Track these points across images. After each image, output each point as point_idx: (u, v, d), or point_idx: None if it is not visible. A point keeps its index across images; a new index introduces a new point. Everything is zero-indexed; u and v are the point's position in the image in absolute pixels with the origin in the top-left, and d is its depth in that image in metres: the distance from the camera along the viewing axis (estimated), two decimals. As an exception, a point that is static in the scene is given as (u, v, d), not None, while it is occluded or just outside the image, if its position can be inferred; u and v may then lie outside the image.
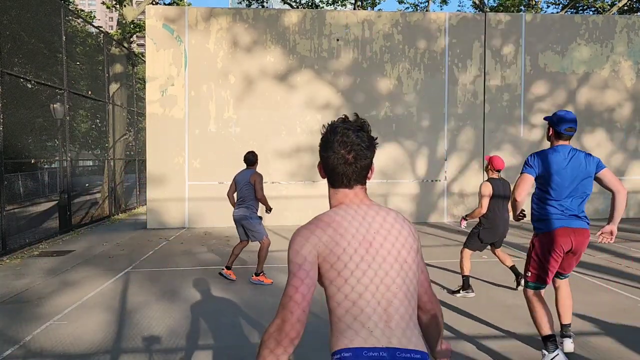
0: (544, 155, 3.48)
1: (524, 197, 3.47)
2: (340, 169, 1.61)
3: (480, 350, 3.93)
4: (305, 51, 11.31)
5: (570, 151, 3.47)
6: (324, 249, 1.54)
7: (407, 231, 1.65)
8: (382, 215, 1.63)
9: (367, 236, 1.57)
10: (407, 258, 1.60)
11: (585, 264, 6.99)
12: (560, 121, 3.46)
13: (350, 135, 1.59)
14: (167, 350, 3.97)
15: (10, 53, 8.95)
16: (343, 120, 1.65)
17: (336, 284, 1.53)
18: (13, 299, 5.47)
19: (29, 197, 16.59)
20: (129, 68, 15.17)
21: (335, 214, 1.61)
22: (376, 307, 1.51)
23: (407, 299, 1.56)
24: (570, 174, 3.41)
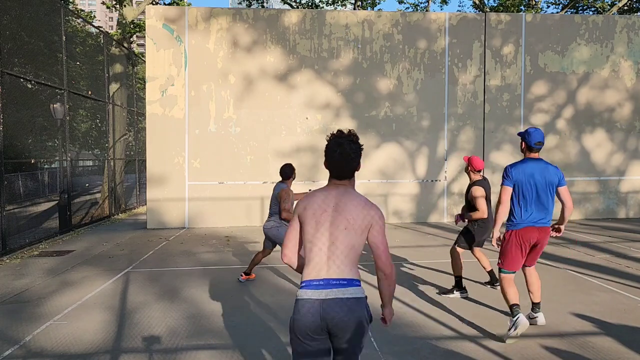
0: (517, 166, 4.23)
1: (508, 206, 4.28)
2: (335, 169, 2.46)
3: (480, 350, 3.94)
4: (305, 51, 11.31)
5: (539, 162, 4.24)
6: (302, 210, 2.46)
7: (366, 212, 2.40)
8: (348, 195, 2.44)
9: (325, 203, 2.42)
10: (354, 225, 2.37)
11: (585, 263, 6.99)
12: (531, 137, 4.21)
13: (345, 147, 2.40)
14: (167, 350, 3.98)
15: (11, 53, 8.95)
16: (340, 134, 2.44)
17: (303, 232, 2.45)
18: (13, 299, 5.47)
19: (29, 197, 16.60)
20: (129, 68, 15.17)
21: (317, 190, 2.50)
22: (320, 253, 2.38)
23: (347, 250, 2.37)
24: (538, 181, 4.16)
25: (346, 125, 11.35)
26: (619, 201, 12.19)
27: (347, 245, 2.38)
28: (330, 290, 2.35)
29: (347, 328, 2.34)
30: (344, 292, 2.35)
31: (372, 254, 2.44)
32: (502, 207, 4.21)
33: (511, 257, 4.22)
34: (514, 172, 4.20)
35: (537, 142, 4.21)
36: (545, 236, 4.21)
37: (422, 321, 4.62)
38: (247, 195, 11.11)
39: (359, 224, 2.38)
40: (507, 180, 4.21)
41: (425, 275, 6.42)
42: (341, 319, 2.32)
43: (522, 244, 4.18)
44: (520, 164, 4.24)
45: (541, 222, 4.18)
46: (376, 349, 3.97)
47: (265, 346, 4.06)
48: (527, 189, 4.16)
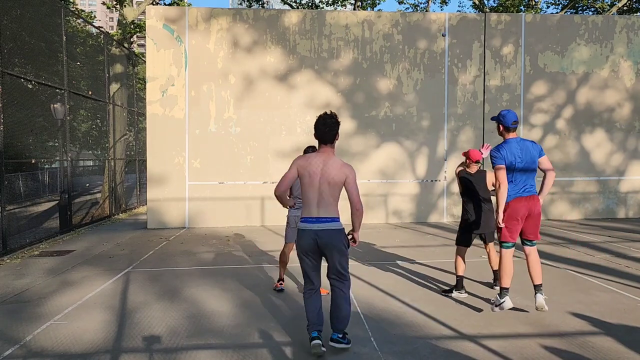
0: (504, 147, 4.56)
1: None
2: (322, 136, 3.81)
3: (480, 350, 3.94)
4: (305, 51, 11.32)
5: (520, 141, 4.59)
6: (300, 167, 3.80)
7: (340, 170, 3.77)
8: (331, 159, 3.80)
9: (316, 165, 3.76)
10: (335, 178, 3.74)
11: (585, 263, 7.00)
12: (506, 118, 4.58)
13: (327, 120, 3.78)
14: (167, 350, 3.98)
15: (11, 53, 8.96)
16: (324, 114, 3.81)
17: (301, 182, 3.80)
18: (13, 298, 5.48)
19: (29, 197, 16.60)
20: (130, 68, 15.18)
21: (310, 154, 3.88)
22: (313, 198, 3.76)
23: (330, 197, 3.77)
24: (522, 157, 4.50)
25: (347, 125, 11.36)
26: (619, 201, 12.20)
27: (330, 195, 3.77)
28: (320, 224, 3.75)
29: (331, 247, 3.77)
30: (329, 225, 3.77)
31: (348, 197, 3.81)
32: (503, 187, 4.49)
33: (509, 227, 4.52)
34: (504, 152, 4.51)
35: (514, 122, 4.57)
36: (535, 203, 4.52)
37: (422, 321, 4.63)
38: (247, 195, 11.12)
39: (337, 180, 3.75)
40: (499, 159, 4.51)
41: (425, 275, 6.42)
42: (327, 241, 3.75)
43: (514, 214, 4.49)
44: (505, 144, 4.58)
45: (528, 191, 4.51)
46: (376, 349, 3.97)
47: (266, 346, 4.07)
48: (513, 166, 4.49)
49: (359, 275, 6.40)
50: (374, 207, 11.55)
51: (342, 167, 3.76)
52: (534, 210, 4.51)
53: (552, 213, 11.98)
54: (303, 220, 3.80)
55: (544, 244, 8.46)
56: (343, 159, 11.23)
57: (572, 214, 12.03)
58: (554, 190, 11.97)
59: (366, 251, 8.06)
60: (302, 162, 3.82)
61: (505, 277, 4.53)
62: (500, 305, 4.50)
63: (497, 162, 4.51)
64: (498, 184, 4.52)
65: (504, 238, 4.56)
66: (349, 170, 3.79)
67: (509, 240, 4.56)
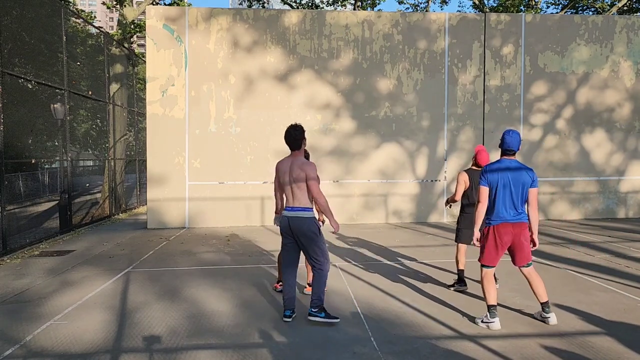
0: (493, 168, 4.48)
1: None
2: (290, 144, 4.60)
3: (480, 350, 3.94)
4: (306, 51, 11.32)
5: (514, 164, 4.46)
6: (277, 170, 4.69)
7: (301, 169, 4.47)
8: (295, 161, 4.55)
9: (286, 167, 4.59)
10: (299, 177, 4.48)
11: (585, 263, 7.00)
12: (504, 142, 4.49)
13: (291, 132, 4.58)
14: (167, 350, 3.98)
15: (11, 53, 8.96)
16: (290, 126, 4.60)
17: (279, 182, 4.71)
18: (13, 298, 5.48)
19: (29, 197, 16.60)
20: (130, 68, 15.18)
21: (284, 159, 4.69)
22: (289, 194, 4.58)
23: (299, 191, 4.50)
24: (512, 181, 4.39)
25: (347, 125, 11.37)
26: (619, 201, 12.20)
27: (298, 189, 4.50)
28: (294, 212, 4.53)
29: (302, 232, 4.49)
30: (300, 214, 4.51)
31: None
32: (481, 206, 4.47)
33: (488, 251, 4.47)
34: (489, 173, 4.46)
35: (507, 150, 4.48)
36: (521, 231, 4.41)
37: (422, 321, 4.63)
38: (247, 195, 11.12)
39: (300, 177, 4.48)
40: (483, 180, 4.49)
41: (426, 275, 6.42)
42: (298, 227, 4.49)
43: (498, 239, 4.41)
44: (495, 164, 4.51)
45: (515, 218, 4.41)
46: (376, 349, 3.97)
47: (266, 346, 4.07)
48: (499, 188, 4.40)
49: (359, 275, 6.40)
50: (374, 207, 11.56)
51: (302, 166, 4.48)
52: (519, 237, 4.41)
53: (552, 213, 11.98)
54: (285, 210, 4.65)
55: (544, 244, 8.46)
56: (343, 159, 11.32)
57: (572, 214, 12.03)
58: (554, 190, 11.98)
59: (366, 251, 8.06)
60: (278, 166, 4.70)
61: (488, 295, 4.46)
62: (489, 324, 4.41)
63: (480, 182, 4.51)
64: (477, 202, 4.51)
65: (485, 262, 4.51)
66: (308, 168, 4.47)
67: (489, 264, 4.51)
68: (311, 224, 4.49)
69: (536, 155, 11.92)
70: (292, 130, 4.56)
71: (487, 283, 4.49)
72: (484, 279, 4.52)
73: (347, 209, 11.41)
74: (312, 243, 4.49)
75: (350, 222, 11.40)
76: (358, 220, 11.48)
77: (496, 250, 4.44)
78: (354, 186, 11.47)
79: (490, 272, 4.52)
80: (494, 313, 4.42)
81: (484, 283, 4.51)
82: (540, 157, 11.94)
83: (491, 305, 4.44)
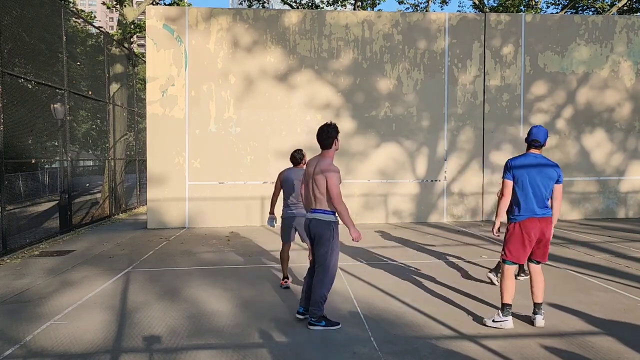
0: (518, 161, 4.45)
1: None
2: (320, 142, 4.47)
3: (480, 350, 3.94)
4: (306, 51, 11.32)
5: (539, 158, 4.43)
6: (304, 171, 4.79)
7: (320, 169, 4.34)
8: (317, 161, 4.47)
9: (311, 168, 4.47)
10: (317, 178, 4.36)
11: (585, 263, 7.00)
12: (530, 135, 4.48)
13: (325, 129, 4.44)
14: (167, 350, 3.98)
15: (11, 53, 8.96)
16: (325, 124, 4.47)
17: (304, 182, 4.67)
18: (13, 298, 5.48)
19: (29, 197, 16.60)
20: (130, 68, 15.18)
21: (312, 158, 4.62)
22: (309, 195, 4.51)
23: (318, 193, 4.37)
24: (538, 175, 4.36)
25: (347, 125, 11.36)
26: (619, 201, 12.20)
27: (320, 192, 4.38)
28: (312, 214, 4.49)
29: (320, 232, 4.42)
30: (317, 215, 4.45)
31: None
32: (504, 200, 4.43)
33: (515, 248, 4.37)
34: (514, 165, 4.41)
35: (534, 140, 4.45)
36: (547, 226, 4.34)
37: (422, 321, 4.63)
38: (247, 195, 11.12)
39: (321, 180, 4.35)
40: (508, 174, 4.42)
41: (426, 275, 6.42)
42: (316, 227, 4.44)
43: (525, 235, 4.32)
44: (521, 157, 4.44)
45: (542, 212, 4.34)
46: (376, 349, 3.97)
47: (266, 346, 4.07)
48: (526, 183, 4.34)
49: (359, 275, 6.40)
50: (374, 207, 11.56)
51: (318, 167, 4.42)
52: (545, 233, 4.36)
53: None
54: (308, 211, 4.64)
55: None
56: (343, 159, 11.32)
57: (572, 214, 12.03)
58: (554, 190, 11.96)
59: (366, 251, 8.06)
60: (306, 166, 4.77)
61: (505, 293, 4.39)
62: (500, 323, 4.36)
63: (504, 176, 4.45)
64: (500, 195, 4.47)
65: (510, 257, 4.41)
66: (328, 171, 4.32)
67: (513, 260, 4.41)
68: (330, 224, 4.42)
69: (536, 155, 11.90)
70: (325, 128, 4.44)
71: (507, 279, 4.41)
72: (504, 275, 4.44)
73: (347, 209, 11.39)
74: (326, 242, 4.42)
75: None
76: (358, 220, 11.48)
77: (523, 246, 4.35)
78: (354, 186, 11.47)
79: (512, 269, 4.45)
80: (507, 311, 4.37)
81: (504, 279, 4.43)
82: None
83: (506, 304, 4.38)
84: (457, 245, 8.63)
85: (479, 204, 11.86)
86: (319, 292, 4.42)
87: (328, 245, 4.39)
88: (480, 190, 11.84)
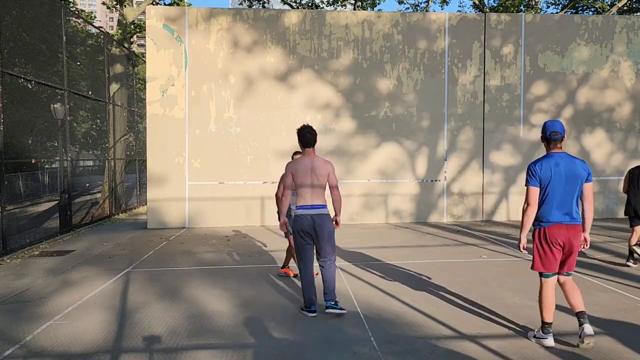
0: (542, 163, 4.00)
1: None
2: (306, 141, 4.87)
3: (480, 350, 3.94)
4: (305, 51, 11.32)
5: (565, 157, 3.99)
6: (294, 170, 4.81)
7: (325, 166, 4.84)
8: (317, 160, 4.86)
9: (308, 166, 4.81)
10: (322, 173, 4.82)
11: (585, 263, 7.00)
12: (546, 128, 4.06)
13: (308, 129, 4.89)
14: (167, 350, 3.98)
15: (11, 53, 8.96)
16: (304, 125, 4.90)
17: (296, 182, 4.82)
18: (13, 298, 5.48)
19: (29, 197, 16.60)
20: (129, 68, 15.18)
21: (300, 157, 4.95)
22: (308, 190, 4.79)
23: (321, 188, 4.81)
24: (565, 176, 3.94)
25: (347, 125, 11.37)
26: (619, 201, 12.19)
27: (319, 187, 4.78)
28: (315, 209, 4.78)
29: (324, 227, 4.76)
30: (321, 211, 4.80)
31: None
32: (530, 209, 3.97)
33: (545, 256, 3.97)
34: (539, 169, 3.95)
35: (553, 132, 3.99)
36: (575, 234, 3.94)
37: (422, 321, 4.63)
38: (247, 195, 11.12)
39: (323, 174, 4.80)
40: (533, 179, 3.96)
41: (426, 275, 6.42)
42: (321, 223, 4.76)
43: (551, 240, 3.93)
44: (544, 159, 4.00)
45: (570, 220, 3.94)
46: (376, 349, 3.97)
47: (266, 346, 4.07)
48: (553, 186, 3.91)
49: (359, 275, 6.40)
50: (374, 207, 11.56)
51: (324, 164, 4.87)
52: (573, 242, 3.93)
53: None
54: (300, 208, 4.82)
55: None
56: (343, 159, 11.32)
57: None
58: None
59: (366, 251, 8.06)
60: (294, 165, 4.86)
61: (545, 310, 3.97)
62: (541, 340, 3.99)
63: (529, 182, 3.98)
64: (525, 205, 4.00)
65: (543, 268, 3.98)
66: (330, 165, 4.90)
67: (548, 270, 3.98)
68: (331, 219, 4.91)
69: (536, 155, 11.91)
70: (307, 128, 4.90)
71: (545, 295, 3.97)
72: (542, 289, 4.00)
73: (347, 209, 11.41)
74: (330, 238, 4.84)
75: (350, 222, 11.40)
76: (358, 220, 11.48)
77: (552, 252, 3.94)
78: (354, 186, 11.47)
79: (549, 281, 3.98)
80: (548, 330, 3.98)
81: (541, 295, 4.00)
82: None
83: (546, 323, 3.98)
84: (457, 245, 8.63)
85: (479, 204, 11.86)
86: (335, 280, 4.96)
87: (333, 235, 4.90)
88: (480, 190, 11.84)
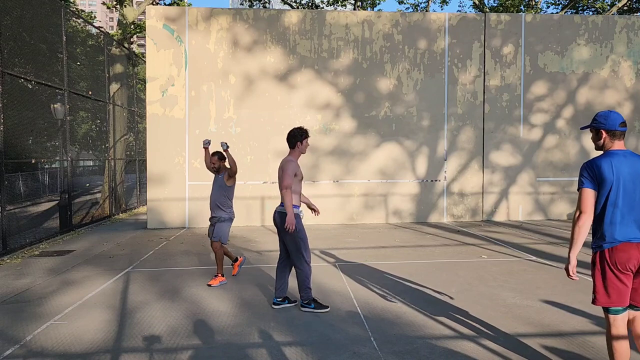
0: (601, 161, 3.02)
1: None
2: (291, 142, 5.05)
3: (480, 350, 3.95)
4: (306, 51, 11.33)
5: (630, 156, 3.06)
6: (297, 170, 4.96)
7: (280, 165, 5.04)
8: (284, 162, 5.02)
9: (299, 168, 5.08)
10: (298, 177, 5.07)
11: (585, 263, 6.99)
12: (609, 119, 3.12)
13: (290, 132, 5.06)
14: (167, 350, 3.99)
15: (12, 53, 8.96)
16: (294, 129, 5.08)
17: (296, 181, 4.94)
18: (14, 298, 5.48)
19: (29, 197, 16.61)
20: (130, 68, 15.18)
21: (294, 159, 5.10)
22: (300, 191, 5.03)
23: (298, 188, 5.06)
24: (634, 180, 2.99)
25: (346, 125, 11.37)
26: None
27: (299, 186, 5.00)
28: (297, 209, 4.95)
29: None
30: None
31: None
32: (585, 218, 3.01)
33: (611, 285, 3.01)
34: (598, 170, 2.98)
35: (622, 123, 3.09)
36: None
37: (422, 321, 4.63)
38: (247, 195, 11.12)
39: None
40: (589, 181, 3.00)
41: (425, 275, 6.42)
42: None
43: (619, 266, 2.98)
44: (605, 158, 3.03)
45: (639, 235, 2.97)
46: (376, 349, 3.98)
47: (266, 346, 4.07)
48: (618, 193, 2.95)
49: (359, 275, 6.40)
50: (374, 207, 11.56)
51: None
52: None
53: (552, 213, 11.99)
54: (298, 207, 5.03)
55: (544, 244, 8.46)
56: (343, 159, 11.33)
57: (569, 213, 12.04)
58: (554, 190, 11.98)
59: (366, 251, 8.06)
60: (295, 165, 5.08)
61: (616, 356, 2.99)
62: None
63: (583, 185, 3.02)
64: (578, 212, 3.03)
65: (611, 302, 3.00)
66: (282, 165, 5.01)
67: (616, 305, 3.00)
68: None
69: (536, 155, 11.92)
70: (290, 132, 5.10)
71: (616, 338, 2.99)
72: (611, 330, 3.02)
73: (347, 208, 11.42)
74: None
75: (350, 222, 11.41)
76: (358, 220, 11.48)
77: (619, 281, 2.98)
78: (354, 186, 11.47)
79: (620, 318, 3.00)
80: None
81: (611, 339, 3.01)
82: (540, 157, 11.94)
83: None
84: (457, 245, 8.63)
85: (478, 204, 11.86)
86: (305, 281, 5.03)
87: None
88: (480, 190, 11.84)
